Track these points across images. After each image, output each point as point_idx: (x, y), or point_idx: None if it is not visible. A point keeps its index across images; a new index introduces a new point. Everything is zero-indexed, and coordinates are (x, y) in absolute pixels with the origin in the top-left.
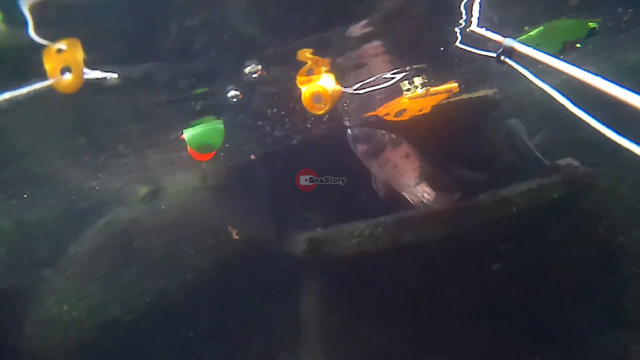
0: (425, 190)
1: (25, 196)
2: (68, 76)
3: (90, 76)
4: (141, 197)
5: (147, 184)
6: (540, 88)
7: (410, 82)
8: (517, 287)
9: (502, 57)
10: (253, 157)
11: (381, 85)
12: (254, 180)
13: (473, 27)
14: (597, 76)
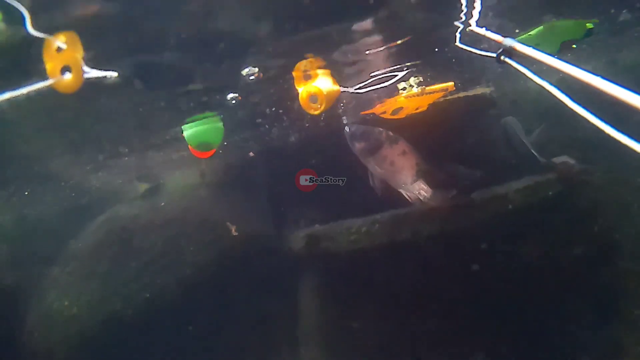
0: (422, 188)
1: (26, 193)
2: (68, 76)
3: (90, 75)
4: (141, 193)
5: (147, 181)
6: (542, 87)
7: (405, 81)
8: (512, 283)
9: (502, 57)
10: (252, 154)
11: (380, 84)
12: (252, 177)
13: (473, 27)
14: (596, 76)
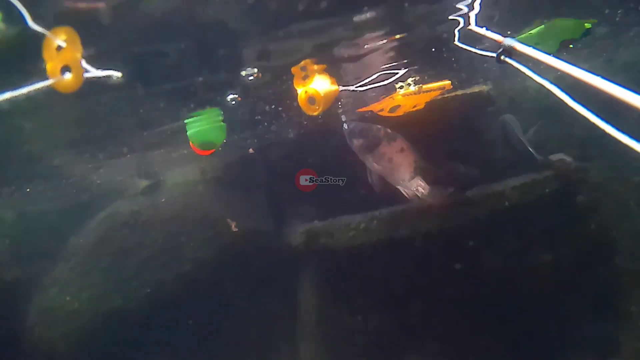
0: (420, 185)
1: (28, 190)
2: (68, 76)
3: (91, 75)
4: (141, 190)
5: (147, 177)
6: (542, 85)
7: (403, 81)
8: (509, 280)
9: (502, 57)
10: (251, 150)
11: (380, 83)
12: (252, 174)
13: (472, 27)
14: (595, 75)
